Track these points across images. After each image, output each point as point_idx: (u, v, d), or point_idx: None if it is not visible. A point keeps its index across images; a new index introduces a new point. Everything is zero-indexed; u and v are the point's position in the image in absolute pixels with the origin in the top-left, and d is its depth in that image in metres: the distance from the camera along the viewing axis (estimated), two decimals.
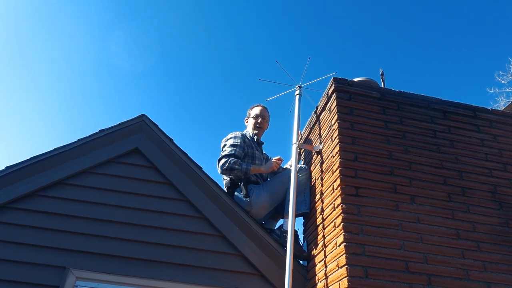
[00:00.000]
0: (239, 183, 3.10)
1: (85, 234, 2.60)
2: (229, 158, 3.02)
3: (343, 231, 2.16)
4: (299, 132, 3.05)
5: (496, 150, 2.72)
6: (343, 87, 2.71)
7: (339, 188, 2.31)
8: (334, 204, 2.35)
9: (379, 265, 2.09)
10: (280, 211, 3.12)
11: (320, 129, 2.95)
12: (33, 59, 19.12)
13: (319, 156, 2.84)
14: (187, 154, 2.97)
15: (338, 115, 2.58)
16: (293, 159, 2.85)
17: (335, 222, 2.29)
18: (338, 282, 2.10)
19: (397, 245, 2.18)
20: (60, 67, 19.35)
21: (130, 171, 2.88)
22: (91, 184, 2.79)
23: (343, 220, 2.19)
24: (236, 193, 3.09)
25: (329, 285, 2.23)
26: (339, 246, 2.17)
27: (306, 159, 3.26)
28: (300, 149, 3.20)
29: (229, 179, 3.16)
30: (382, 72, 3.35)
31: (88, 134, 2.92)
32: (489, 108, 2.95)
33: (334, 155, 2.50)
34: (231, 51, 20.50)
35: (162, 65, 21.11)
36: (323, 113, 2.93)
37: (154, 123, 3.08)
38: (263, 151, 3.50)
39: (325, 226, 2.47)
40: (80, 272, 2.48)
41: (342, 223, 2.18)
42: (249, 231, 2.74)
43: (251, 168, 3.05)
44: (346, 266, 2.05)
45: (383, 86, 3.19)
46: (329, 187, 2.48)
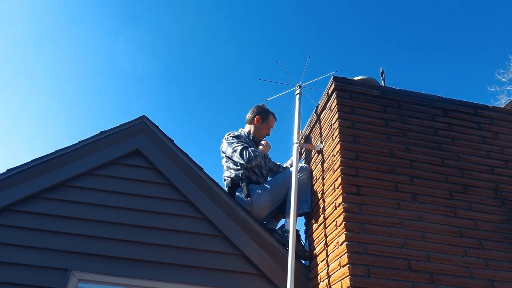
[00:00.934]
0: (240, 183, 3.10)
1: (87, 236, 2.60)
2: (246, 149, 3.09)
3: (344, 230, 2.15)
4: (300, 132, 3.05)
5: (498, 148, 2.71)
6: (343, 86, 2.70)
7: (340, 187, 2.30)
8: (335, 203, 2.34)
9: (381, 263, 2.08)
10: (282, 211, 3.12)
11: (320, 128, 2.95)
12: (37, 62, 19.16)
13: (320, 155, 2.84)
14: (188, 155, 2.97)
15: (338, 114, 2.57)
16: (294, 158, 2.85)
17: (336, 221, 2.28)
18: (340, 281, 2.09)
19: (399, 243, 2.17)
20: (63, 69, 19.39)
21: (131, 173, 2.88)
22: (92, 186, 2.79)
23: (345, 219, 2.19)
24: (237, 193, 3.09)
25: (331, 285, 2.22)
26: (341, 245, 2.17)
27: (307, 158, 3.26)
28: (301, 148, 3.20)
29: (230, 179, 3.16)
30: (383, 70, 3.35)
31: (89, 136, 2.93)
32: (490, 105, 2.94)
33: (335, 154, 2.50)
34: (230, 52, 20.52)
35: (165, 68, 21.15)
36: (323, 112, 2.92)
37: (155, 124, 3.08)
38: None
39: (326, 225, 2.46)
40: (82, 274, 2.48)
41: (344, 222, 2.18)
42: (250, 231, 2.74)
43: (261, 151, 3.24)
44: (348, 265, 2.04)
45: (383, 85, 3.18)
46: (330, 186, 2.47)
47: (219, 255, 2.65)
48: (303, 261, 2.79)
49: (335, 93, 2.69)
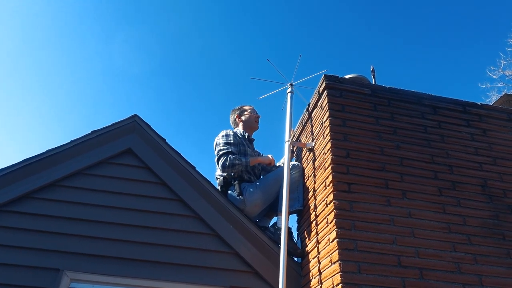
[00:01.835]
0: (233, 182, 3.11)
1: (79, 235, 2.60)
2: (228, 155, 3.06)
3: (335, 227, 2.17)
4: (292, 130, 3.07)
5: (486, 144, 2.75)
6: (334, 84, 2.72)
7: (331, 184, 2.32)
8: (326, 200, 2.36)
9: (371, 260, 2.11)
10: (274, 208, 3.13)
11: (312, 126, 2.97)
12: (30, 61, 18.97)
13: (312, 153, 2.86)
14: (180, 154, 2.97)
15: (329, 112, 2.59)
16: (285, 156, 2.86)
17: (327, 219, 2.31)
18: (332, 278, 2.12)
19: (389, 240, 2.20)
20: (57, 68, 19.22)
21: (123, 172, 2.88)
22: (84, 186, 2.78)
23: (336, 216, 2.21)
24: (229, 192, 3.10)
25: (322, 281, 2.25)
26: (332, 242, 2.19)
27: (299, 156, 3.28)
28: (292, 146, 3.21)
29: (222, 178, 3.17)
30: (373, 69, 3.37)
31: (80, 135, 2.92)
32: (479, 103, 2.98)
33: (326, 152, 2.52)
34: (223, 50, 20.48)
35: (160, 67, 21.06)
36: (314, 110, 2.94)
37: (147, 123, 3.07)
38: (254, 148, 3.51)
39: (318, 223, 2.48)
40: (74, 273, 2.48)
41: (335, 219, 2.20)
42: (243, 229, 2.75)
43: (250, 160, 3.11)
44: (339, 261, 2.07)
45: (374, 83, 3.21)
46: (322, 184, 2.50)
47: (211, 254, 2.67)
48: (295, 258, 2.81)
49: (326, 91, 2.70)
